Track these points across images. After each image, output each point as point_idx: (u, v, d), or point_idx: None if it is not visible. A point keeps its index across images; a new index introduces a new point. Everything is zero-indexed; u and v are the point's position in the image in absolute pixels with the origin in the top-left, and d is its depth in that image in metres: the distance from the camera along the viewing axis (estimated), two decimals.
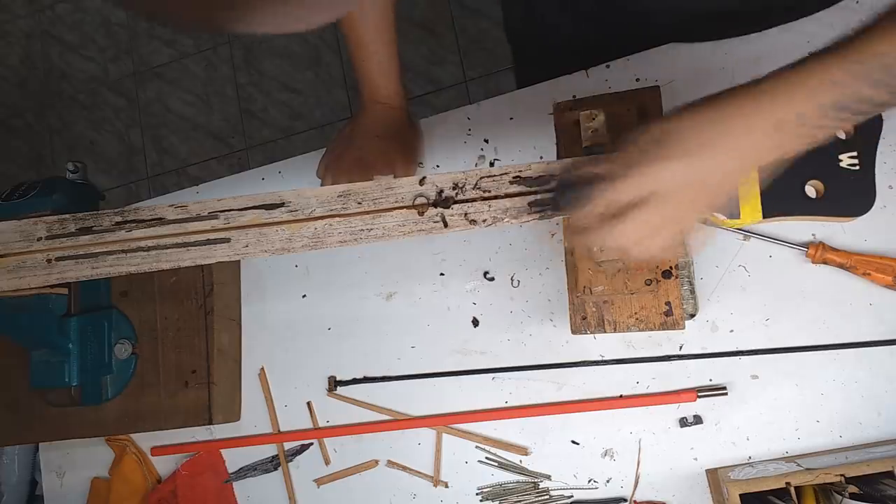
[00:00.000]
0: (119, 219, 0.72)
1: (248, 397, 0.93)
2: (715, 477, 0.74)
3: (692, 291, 0.74)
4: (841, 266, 0.73)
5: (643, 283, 0.68)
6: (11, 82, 2.39)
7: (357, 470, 0.88)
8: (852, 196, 0.55)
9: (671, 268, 0.69)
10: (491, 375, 0.84)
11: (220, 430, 0.93)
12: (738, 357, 0.76)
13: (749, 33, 0.78)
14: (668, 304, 0.69)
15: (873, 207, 0.65)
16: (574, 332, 0.73)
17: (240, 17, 0.30)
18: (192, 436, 0.94)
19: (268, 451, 0.91)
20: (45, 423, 0.92)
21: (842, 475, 0.64)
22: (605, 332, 0.72)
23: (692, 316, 0.74)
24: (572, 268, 0.72)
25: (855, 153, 0.54)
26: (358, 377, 0.89)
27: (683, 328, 0.70)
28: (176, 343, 0.90)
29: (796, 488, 0.65)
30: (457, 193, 0.64)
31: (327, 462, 0.89)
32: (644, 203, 0.50)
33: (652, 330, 0.70)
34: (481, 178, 0.64)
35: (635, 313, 0.70)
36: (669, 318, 0.69)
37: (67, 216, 0.75)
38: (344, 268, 0.92)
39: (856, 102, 0.46)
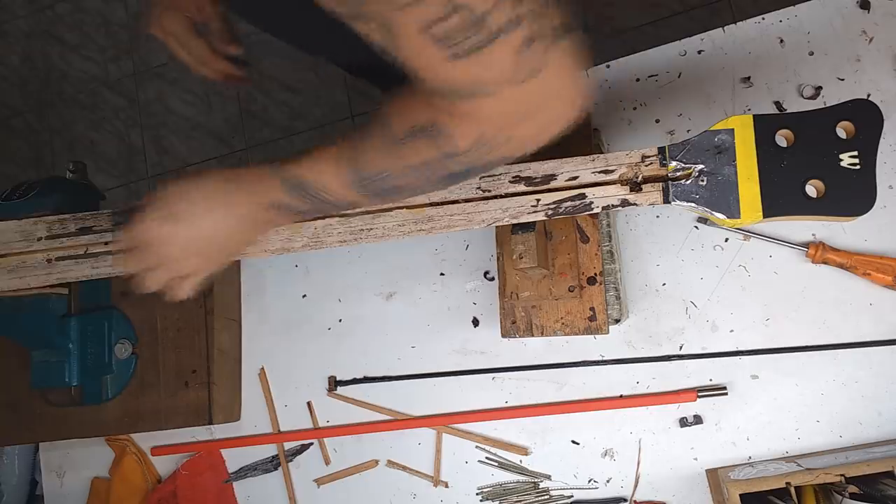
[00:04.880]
0: (119, 219, 0.72)
1: (248, 397, 0.93)
2: (715, 477, 0.73)
3: (618, 297, 0.74)
4: (841, 266, 0.73)
5: (566, 289, 0.71)
6: (11, 82, 2.39)
7: (357, 470, 0.88)
8: (853, 195, 0.55)
9: (596, 274, 0.71)
10: (491, 375, 0.84)
11: (220, 430, 0.93)
12: (738, 357, 0.76)
13: None
14: (591, 309, 0.72)
15: (873, 207, 0.65)
16: (504, 335, 0.75)
17: None
18: (192, 436, 0.94)
19: (268, 451, 0.91)
20: (45, 423, 0.92)
21: (842, 475, 0.64)
22: (532, 336, 0.74)
23: (617, 321, 0.74)
24: (501, 273, 0.74)
25: (856, 152, 0.54)
26: (358, 377, 0.89)
27: (607, 332, 0.72)
28: (176, 343, 0.90)
29: (796, 488, 0.65)
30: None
31: (327, 462, 0.89)
32: (138, 248, 0.61)
33: (577, 334, 0.72)
34: (482, 177, 0.64)
35: (561, 318, 0.73)
36: (593, 323, 0.72)
37: (67, 216, 0.75)
38: (344, 268, 0.92)
39: (286, 208, 0.57)
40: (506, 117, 0.44)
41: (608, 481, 0.79)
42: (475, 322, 0.86)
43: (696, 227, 0.79)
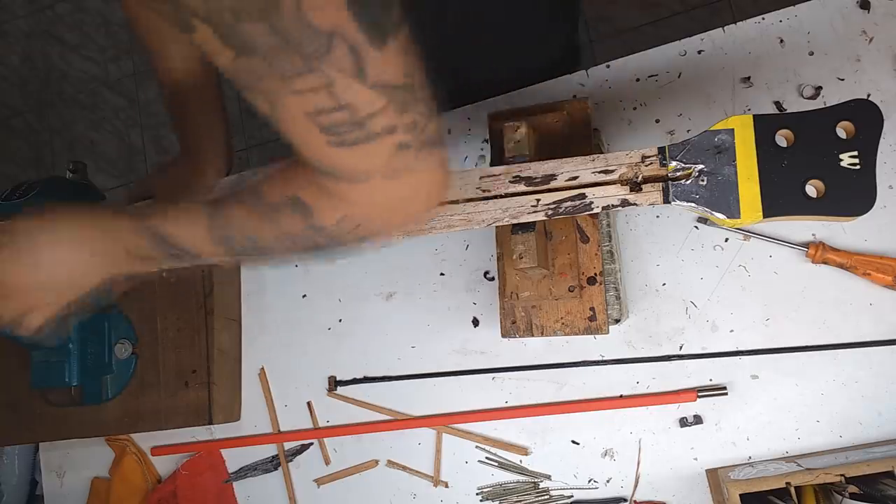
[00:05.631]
0: None
1: (248, 397, 0.93)
2: (715, 477, 0.73)
3: (618, 297, 0.74)
4: (841, 266, 0.73)
5: (566, 289, 0.70)
6: (11, 82, 2.39)
7: (357, 470, 0.88)
8: (853, 195, 0.55)
9: (596, 274, 0.71)
10: (491, 375, 0.84)
11: (220, 430, 0.93)
12: (738, 357, 0.76)
13: None
14: (591, 309, 0.71)
15: (873, 207, 0.65)
16: (504, 335, 0.74)
17: None
18: (192, 436, 0.94)
19: (268, 451, 0.91)
20: (45, 423, 0.92)
21: (842, 475, 0.64)
22: (532, 336, 0.74)
23: (617, 321, 0.74)
24: (501, 273, 0.74)
25: (856, 152, 0.54)
26: (358, 377, 0.89)
27: (607, 332, 0.72)
28: (176, 343, 0.90)
29: (796, 488, 0.65)
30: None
31: (327, 462, 0.89)
32: None
33: (577, 334, 0.72)
34: (481, 177, 0.64)
35: (561, 318, 0.72)
36: (593, 323, 0.71)
37: None
38: (344, 268, 0.92)
39: (145, 255, 0.57)
40: (371, 204, 0.48)
41: (608, 481, 0.79)
42: (475, 322, 0.86)
43: (696, 227, 0.79)
